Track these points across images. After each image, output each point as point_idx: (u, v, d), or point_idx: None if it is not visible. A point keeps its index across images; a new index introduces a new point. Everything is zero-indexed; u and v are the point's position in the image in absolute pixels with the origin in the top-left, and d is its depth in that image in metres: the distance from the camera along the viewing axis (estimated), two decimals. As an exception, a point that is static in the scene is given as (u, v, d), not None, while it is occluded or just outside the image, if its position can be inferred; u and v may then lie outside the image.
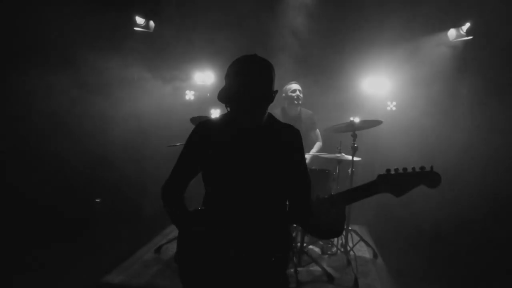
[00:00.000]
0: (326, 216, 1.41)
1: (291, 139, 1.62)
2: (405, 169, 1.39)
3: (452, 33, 5.35)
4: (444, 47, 5.35)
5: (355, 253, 3.49)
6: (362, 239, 3.73)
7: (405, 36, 5.24)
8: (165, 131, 6.27)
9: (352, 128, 3.51)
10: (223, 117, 1.66)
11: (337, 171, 3.69)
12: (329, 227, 1.43)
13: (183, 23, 6.06)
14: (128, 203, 6.58)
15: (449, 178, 4.17)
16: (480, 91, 5.14)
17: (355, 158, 3.56)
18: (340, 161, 3.69)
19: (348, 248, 3.50)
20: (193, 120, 3.68)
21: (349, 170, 3.59)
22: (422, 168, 1.38)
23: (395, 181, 1.39)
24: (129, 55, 6.17)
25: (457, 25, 5.31)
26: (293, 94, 3.97)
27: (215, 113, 6.35)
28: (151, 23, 6.19)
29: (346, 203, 1.45)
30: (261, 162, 1.54)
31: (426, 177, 1.38)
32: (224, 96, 1.57)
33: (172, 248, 3.64)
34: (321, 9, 5.24)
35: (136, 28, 6.14)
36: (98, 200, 6.79)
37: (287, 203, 1.62)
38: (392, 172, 1.40)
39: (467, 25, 5.22)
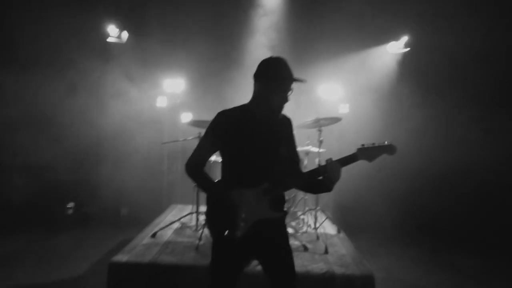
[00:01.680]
0: (332, 174, 2.01)
1: (289, 126, 2.24)
2: (373, 143, 2.04)
3: (392, 45, 6.29)
4: (387, 58, 6.28)
5: (324, 229, 4.17)
6: (328, 217, 4.43)
7: (353, 48, 6.12)
8: (142, 136, 6.66)
9: (318, 125, 4.20)
10: (241, 108, 2.18)
11: (306, 162, 4.36)
12: (331, 182, 2.03)
13: (155, 34, 6.52)
14: (106, 206, 6.84)
15: (393, 166, 5.10)
16: (417, 96, 6.11)
17: (321, 150, 4.25)
18: (308, 153, 4.37)
19: (318, 225, 4.18)
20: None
21: (316, 160, 4.27)
22: (385, 142, 2.03)
23: (368, 152, 2.03)
24: (102, 64, 6.51)
25: (397, 38, 6.27)
26: None
27: (186, 117, 6.85)
28: (124, 33, 6.55)
29: (341, 167, 2.05)
30: (273, 143, 2.14)
31: (388, 148, 2.03)
32: (269, 95, 2.06)
33: (166, 233, 4.10)
34: (286, 23, 5.98)
35: (109, 40, 6.47)
36: (71, 205, 6.97)
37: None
38: (366, 146, 2.05)
39: (405, 38, 6.17)
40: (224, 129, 2.12)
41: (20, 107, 6.07)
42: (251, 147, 2.10)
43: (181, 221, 4.39)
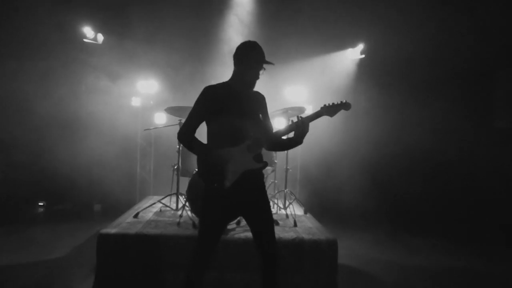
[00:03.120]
0: (302, 128, 2.47)
1: (263, 100, 2.71)
2: (333, 102, 2.54)
3: (350, 52, 6.98)
4: (346, 62, 6.96)
5: (292, 211, 4.61)
6: (296, 198, 4.89)
7: (317, 52, 6.75)
8: (115, 134, 6.86)
9: (286, 115, 4.69)
10: (223, 84, 2.62)
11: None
12: (301, 136, 2.49)
13: (129, 35, 6.83)
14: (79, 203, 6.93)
15: (349, 156, 5.73)
16: (373, 97, 6.81)
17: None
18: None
19: (287, 205, 4.63)
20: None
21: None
22: (342, 101, 2.53)
23: (329, 108, 2.51)
24: (78, 64, 6.72)
25: (353, 46, 6.97)
26: None
27: (159, 117, 7.15)
28: (100, 35, 6.81)
29: (308, 122, 2.51)
30: (252, 110, 2.58)
31: (344, 105, 2.51)
32: (245, 73, 2.53)
33: (147, 214, 4.38)
34: (254, 25, 6.50)
35: (85, 40, 6.70)
36: (42, 204, 6.99)
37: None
38: (327, 105, 2.53)
39: (360, 46, 6.88)
40: (210, 100, 2.54)
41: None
42: (234, 113, 2.53)
43: (161, 206, 4.67)
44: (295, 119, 2.52)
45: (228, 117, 2.52)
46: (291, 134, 2.57)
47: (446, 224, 6.52)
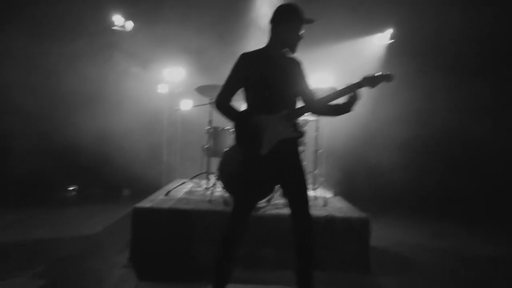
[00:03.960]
0: (351, 97, 2.47)
1: (301, 66, 2.70)
2: (375, 74, 2.51)
3: (378, 37, 6.87)
4: (374, 48, 6.86)
5: (321, 193, 4.61)
6: (325, 180, 4.88)
7: (343, 37, 6.67)
8: (142, 121, 7.00)
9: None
10: (260, 50, 2.62)
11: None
12: (352, 103, 2.48)
13: (158, 23, 6.92)
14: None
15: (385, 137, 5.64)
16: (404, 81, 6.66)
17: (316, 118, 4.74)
18: (307, 122, 4.82)
19: (316, 186, 4.64)
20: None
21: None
22: (384, 72, 2.50)
23: (371, 79, 2.49)
24: (106, 52, 6.86)
25: (382, 30, 6.86)
26: None
27: (186, 104, 7.23)
28: (129, 23, 6.93)
29: (357, 89, 2.51)
30: (290, 76, 2.59)
31: (386, 76, 2.48)
32: (285, 35, 2.52)
33: (178, 193, 4.46)
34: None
35: (114, 28, 6.83)
36: (73, 188, 7.20)
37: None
38: (368, 76, 2.51)
39: (390, 31, 6.77)
40: (247, 66, 2.54)
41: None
42: (272, 80, 2.53)
43: (191, 185, 4.74)
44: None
45: (265, 84, 2.52)
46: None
47: (480, 210, 6.35)
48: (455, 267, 3.82)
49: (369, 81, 2.48)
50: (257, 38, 6.39)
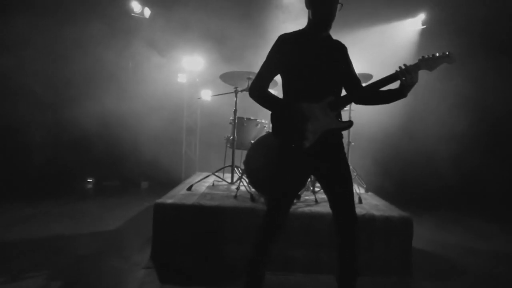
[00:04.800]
0: (411, 76, 2.12)
1: (345, 49, 2.38)
2: (434, 54, 2.16)
3: (409, 22, 6.43)
4: (405, 33, 6.43)
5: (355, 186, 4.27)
6: (358, 174, 4.54)
7: (373, 22, 6.26)
8: (160, 112, 6.75)
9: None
10: (299, 31, 2.32)
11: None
12: (409, 85, 2.13)
13: (176, 10, 6.63)
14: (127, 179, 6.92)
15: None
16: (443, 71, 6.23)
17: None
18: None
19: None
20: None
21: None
22: (445, 52, 2.15)
23: (429, 61, 2.14)
24: (124, 40, 6.62)
25: (413, 15, 6.42)
26: None
27: (205, 94, 6.97)
28: (147, 10, 6.66)
29: (412, 71, 2.16)
30: (333, 60, 2.27)
31: (447, 57, 2.14)
32: (318, 12, 2.20)
33: (200, 188, 4.19)
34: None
35: (132, 14, 6.58)
36: (91, 180, 7.04)
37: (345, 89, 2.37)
38: (426, 56, 2.16)
39: (422, 16, 6.32)
40: (286, 49, 2.24)
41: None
42: (313, 64, 2.22)
43: (214, 180, 4.47)
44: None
45: (305, 69, 2.22)
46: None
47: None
48: (503, 271, 3.47)
49: (427, 63, 2.13)
50: (285, 20, 6.05)
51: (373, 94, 2.24)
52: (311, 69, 2.22)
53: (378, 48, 5.83)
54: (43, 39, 5.91)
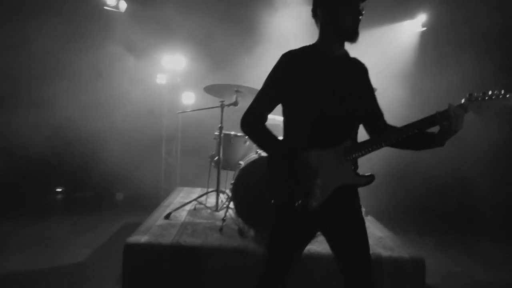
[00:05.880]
0: (455, 121, 1.59)
1: (366, 72, 1.88)
2: (485, 92, 1.60)
3: (409, 23, 5.99)
4: (404, 36, 5.98)
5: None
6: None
7: (369, 25, 5.78)
8: (137, 116, 6.15)
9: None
10: (308, 48, 1.80)
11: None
12: (451, 133, 1.62)
13: (154, 3, 6.00)
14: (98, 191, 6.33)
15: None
16: (429, 73, 5.79)
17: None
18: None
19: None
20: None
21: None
22: (500, 91, 1.64)
23: (482, 103, 1.61)
24: (98, 36, 5.96)
25: (412, 17, 5.97)
26: None
27: (188, 97, 6.40)
28: (122, 3, 6.02)
29: (464, 112, 1.62)
30: (352, 87, 1.76)
31: (508, 99, 1.59)
32: (332, 22, 1.71)
33: (180, 214, 3.67)
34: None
35: (105, 8, 5.93)
36: (60, 190, 6.43)
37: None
38: (475, 95, 1.62)
39: (422, 17, 5.88)
40: (291, 72, 1.72)
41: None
42: (327, 93, 1.71)
43: (195, 202, 3.96)
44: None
45: (317, 98, 1.71)
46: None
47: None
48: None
49: (478, 105, 1.64)
50: (276, 21, 5.52)
51: (404, 139, 1.71)
52: (324, 99, 1.71)
53: (376, 52, 5.36)
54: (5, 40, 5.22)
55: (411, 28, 5.96)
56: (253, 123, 1.78)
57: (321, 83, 1.72)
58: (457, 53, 5.44)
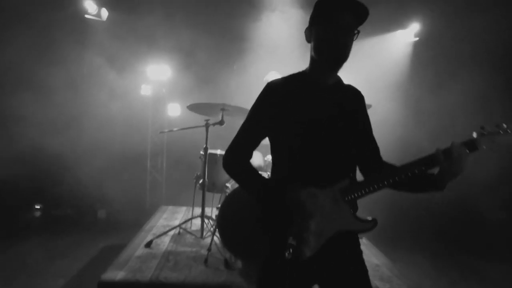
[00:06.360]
0: (458, 162, 1.39)
1: (363, 100, 1.67)
2: (498, 126, 1.41)
3: (401, 34, 5.84)
4: (397, 47, 5.82)
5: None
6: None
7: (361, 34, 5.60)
8: (122, 128, 5.88)
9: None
10: (296, 76, 1.60)
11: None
12: (453, 175, 1.40)
13: (138, 12, 5.75)
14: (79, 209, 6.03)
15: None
16: (423, 84, 5.64)
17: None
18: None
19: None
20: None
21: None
22: (502, 124, 1.44)
23: (495, 138, 1.42)
24: (78, 46, 5.68)
25: (404, 27, 5.82)
26: None
27: (173, 108, 6.14)
28: (104, 11, 5.75)
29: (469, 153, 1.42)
30: (348, 119, 1.55)
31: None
32: (324, 47, 1.50)
33: (162, 241, 3.41)
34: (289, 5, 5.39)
35: (87, 16, 5.65)
36: (39, 207, 6.10)
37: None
38: (490, 131, 1.42)
39: (415, 27, 5.73)
40: (277, 103, 1.51)
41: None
42: (319, 126, 1.50)
43: (180, 230, 3.69)
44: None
45: (309, 131, 1.49)
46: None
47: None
48: None
49: (491, 139, 1.44)
50: (264, 26, 5.31)
51: (403, 179, 1.48)
52: (316, 133, 1.50)
53: (367, 64, 5.18)
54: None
55: (404, 39, 5.79)
56: (235, 163, 1.56)
57: (312, 115, 1.51)
58: (452, 64, 5.29)
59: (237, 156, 1.56)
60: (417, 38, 5.77)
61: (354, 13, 1.47)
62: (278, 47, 5.35)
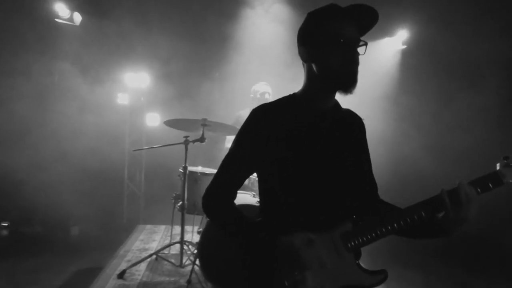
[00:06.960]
0: (466, 207, 1.17)
1: (363, 128, 1.45)
2: (499, 170, 1.19)
3: (387, 41, 5.69)
4: (383, 55, 5.67)
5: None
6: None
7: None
8: (98, 139, 5.53)
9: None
10: (287, 99, 1.35)
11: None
12: (460, 221, 1.20)
13: (114, 16, 5.43)
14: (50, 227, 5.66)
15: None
16: (410, 93, 5.51)
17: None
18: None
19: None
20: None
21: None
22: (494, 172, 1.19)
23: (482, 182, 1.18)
24: (49, 52, 5.32)
25: (391, 34, 5.68)
26: (262, 98, 3.66)
27: (153, 118, 5.84)
28: (77, 15, 5.40)
29: (479, 195, 1.21)
30: (349, 150, 1.32)
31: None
32: (338, 70, 1.23)
33: (138, 269, 3.10)
34: (275, 9, 5.18)
35: (58, 20, 5.29)
36: (6, 224, 5.69)
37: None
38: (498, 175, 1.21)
39: (402, 35, 5.59)
40: (268, 131, 1.26)
41: None
42: (314, 158, 1.26)
43: (156, 256, 3.38)
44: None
45: (303, 165, 1.25)
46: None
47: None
48: None
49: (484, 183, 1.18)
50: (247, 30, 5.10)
51: (410, 223, 1.26)
52: (315, 167, 1.27)
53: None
54: None
55: (391, 47, 5.64)
56: (217, 206, 1.31)
57: (310, 147, 1.26)
58: (442, 73, 5.16)
59: (218, 198, 1.31)
60: (404, 46, 5.63)
61: (365, 21, 1.24)
62: (264, 48, 5.14)
